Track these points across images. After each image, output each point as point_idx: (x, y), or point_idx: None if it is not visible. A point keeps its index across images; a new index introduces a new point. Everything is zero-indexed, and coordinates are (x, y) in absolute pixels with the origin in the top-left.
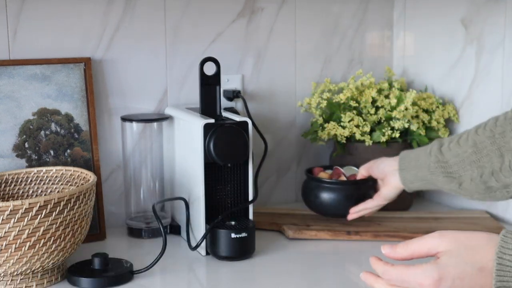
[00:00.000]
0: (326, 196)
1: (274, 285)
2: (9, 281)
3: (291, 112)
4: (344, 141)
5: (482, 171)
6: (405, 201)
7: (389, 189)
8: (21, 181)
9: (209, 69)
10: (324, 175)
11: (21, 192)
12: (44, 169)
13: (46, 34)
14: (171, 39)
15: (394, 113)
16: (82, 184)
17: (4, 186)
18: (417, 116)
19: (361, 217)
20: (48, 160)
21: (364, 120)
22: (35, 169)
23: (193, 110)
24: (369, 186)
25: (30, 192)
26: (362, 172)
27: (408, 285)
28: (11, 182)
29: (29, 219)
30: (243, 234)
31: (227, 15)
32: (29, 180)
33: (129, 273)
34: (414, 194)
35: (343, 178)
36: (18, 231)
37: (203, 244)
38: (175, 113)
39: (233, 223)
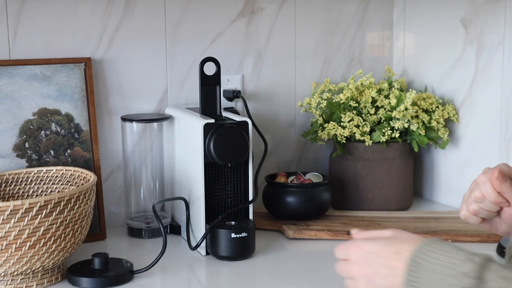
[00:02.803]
0: (287, 199)
1: (274, 285)
2: (9, 281)
3: (291, 112)
4: (344, 141)
5: None
6: (405, 201)
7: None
8: (21, 181)
9: (209, 69)
10: (282, 179)
11: (21, 192)
12: (44, 169)
13: (46, 34)
14: (171, 39)
15: (394, 113)
16: (82, 184)
17: (4, 186)
18: (417, 116)
19: (361, 217)
20: (48, 160)
21: (364, 120)
22: (35, 169)
23: (193, 110)
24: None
25: (30, 192)
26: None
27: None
28: (11, 182)
29: (29, 219)
30: (243, 234)
31: (227, 15)
32: (29, 180)
33: (129, 273)
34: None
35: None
36: (19, 231)
37: (203, 244)
38: (175, 113)
39: (233, 223)
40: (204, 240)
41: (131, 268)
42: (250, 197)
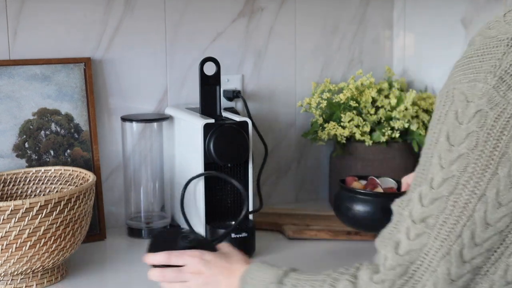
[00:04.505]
0: (360, 208)
1: None
2: (9, 280)
3: (291, 112)
4: (344, 141)
5: None
6: None
7: None
8: (19, 181)
9: (209, 69)
10: (357, 185)
11: (19, 192)
12: (42, 169)
13: (46, 34)
14: (171, 39)
15: (394, 113)
16: (81, 184)
17: (3, 186)
18: (417, 116)
19: None
20: (48, 160)
21: (364, 120)
22: (33, 169)
23: (193, 110)
24: None
25: (29, 192)
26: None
27: (179, 271)
28: (10, 182)
29: (29, 218)
30: (243, 234)
31: (227, 15)
32: (27, 180)
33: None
34: None
35: (379, 189)
36: (19, 231)
37: None
38: (175, 113)
39: (233, 223)
40: None
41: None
42: (250, 197)
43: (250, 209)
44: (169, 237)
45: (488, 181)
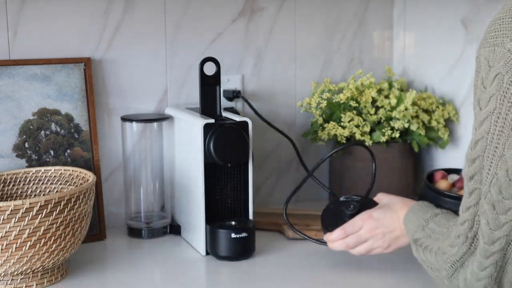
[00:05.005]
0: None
1: (274, 285)
2: (10, 280)
3: (291, 112)
4: (344, 141)
5: None
6: None
7: None
8: (19, 181)
9: (209, 69)
10: (444, 184)
11: (19, 192)
12: (42, 169)
13: (46, 34)
14: (171, 39)
15: (394, 113)
16: (81, 184)
17: (3, 186)
18: (417, 116)
19: None
20: (48, 160)
21: (364, 120)
22: (33, 169)
23: (193, 110)
24: None
25: (29, 192)
26: None
27: (358, 236)
28: (10, 182)
29: (29, 218)
30: (243, 234)
31: (227, 15)
32: (27, 180)
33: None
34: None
35: None
36: (19, 231)
37: (203, 244)
38: (175, 113)
39: (233, 223)
40: (204, 240)
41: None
42: (250, 197)
43: (250, 208)
44: (335, 211)
45: (504, 143)
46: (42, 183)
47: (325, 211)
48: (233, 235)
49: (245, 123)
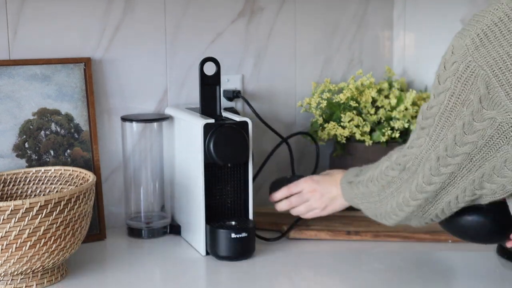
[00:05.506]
0: (469, 217)
1: (274, 285)
2: (9, 280)
3: (291, 112)
4: (344, 141)
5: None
6: None
7: None
8: (19, 181)
9: (209, 69)
10: None
11: (19, 192)
12: (42, 169)
13: (46, 34)
14: (171, 39)
15: (394, 113)
16: (81, 184)
17: (3, 186)
18: (417, 116)
19: (361, 217)
20: (48, 160)
21: (364, 120)
22: (33, 169)
23: (193, 110)
24: None
25: (29, 192)
26: None
27: (301, 196)
28: (10, 182)
29: (29, 218)
30: (243, 234)
31: (227, 15)
32: (27, 180)
33: None
34: None
35: None
36: (19, 231)
37: (203, 244)
38: (175, 113)
39: (233, 223)
40: (204, 240)
41: None
42: (250, 197)
43: (250, 208)
44: (283, 181)
45: (456, 115)
46: (42, 183)
47: (273, 183)
48: (233, 235)
49: (245, 123)
